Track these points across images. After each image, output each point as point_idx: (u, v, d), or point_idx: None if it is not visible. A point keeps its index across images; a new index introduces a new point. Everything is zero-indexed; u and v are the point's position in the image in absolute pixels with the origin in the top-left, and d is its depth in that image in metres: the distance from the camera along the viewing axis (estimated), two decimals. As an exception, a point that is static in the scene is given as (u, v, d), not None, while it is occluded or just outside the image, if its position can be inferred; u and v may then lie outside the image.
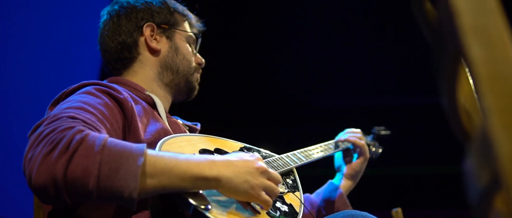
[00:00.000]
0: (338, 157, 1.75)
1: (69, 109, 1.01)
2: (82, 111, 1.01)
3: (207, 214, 0.93)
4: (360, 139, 1.70)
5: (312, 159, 1.49)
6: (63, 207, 1.07)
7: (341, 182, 1.68)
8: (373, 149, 1.84)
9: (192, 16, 1.51)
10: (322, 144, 1.65)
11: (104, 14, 1.44)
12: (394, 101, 3.75)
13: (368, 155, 1.69)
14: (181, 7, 1.48)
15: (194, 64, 1.46)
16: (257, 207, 1.05)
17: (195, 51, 1.49)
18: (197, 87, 1.50)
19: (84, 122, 0.97)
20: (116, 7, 1.42)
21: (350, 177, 1.68)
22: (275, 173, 1.08)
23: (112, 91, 1.16)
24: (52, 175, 0.84)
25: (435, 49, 0.53)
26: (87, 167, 0.85)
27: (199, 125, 1.49)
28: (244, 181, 0.98)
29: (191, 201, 0.94)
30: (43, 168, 0.85)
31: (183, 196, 0.95)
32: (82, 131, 0.90)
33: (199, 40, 1.51)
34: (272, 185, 1.04)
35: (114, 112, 1.12)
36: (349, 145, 1.70)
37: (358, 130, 1.75)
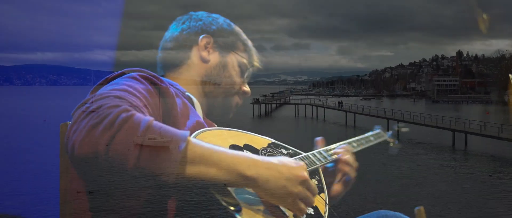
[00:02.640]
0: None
1: (115, 90, 1.05)
2: (127, 93, 1.06)
3: (238, 216, 0.94)
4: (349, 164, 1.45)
5: (337, 157, 1.47)
6: None
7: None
8: (392, 145, 1.90)
9: (255, 51, 1.55)
10: (345, 142, 1.62)
11: (177, 20, 1.51)
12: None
13: (349, 185, 1.43)
14: (245, 38, 1.52)
15: (237, 87, 1.49)
16: (286, 211, 1.05)
17: (243, 79, 1.51)
18: (234, 110, 1.50)
19: (130, 103, 1.00)
20: (187, 16, 1.51)
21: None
22: (314, 185, 1.09)
23: (156, 80, 1.21)
24: (95, 148, 0.88)
25: (492, 61, 0.51)
26: (129, 146, 0.88)
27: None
28: (282, 186, 1.00)
29: (222, 201, 0.94)
30: (87, 140, 0.89)
31: (214, 195, 0.95)
32: (129, 110, 0.94)
33: (250, 71, 1.53)
34: (310, 196, 1.06)
35: (156, 99, 1.16)
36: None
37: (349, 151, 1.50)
